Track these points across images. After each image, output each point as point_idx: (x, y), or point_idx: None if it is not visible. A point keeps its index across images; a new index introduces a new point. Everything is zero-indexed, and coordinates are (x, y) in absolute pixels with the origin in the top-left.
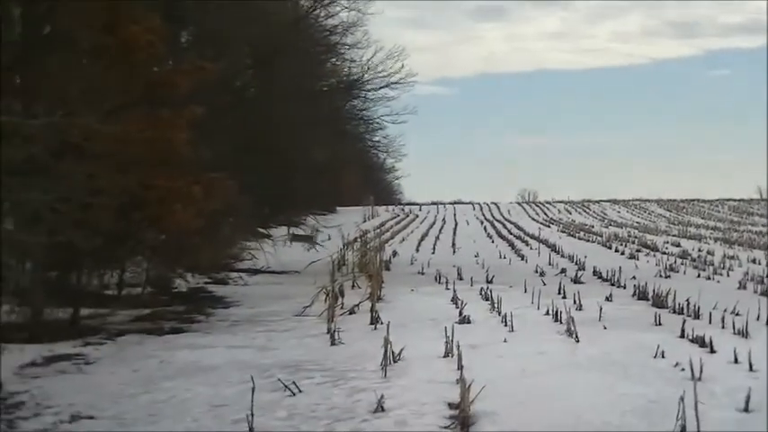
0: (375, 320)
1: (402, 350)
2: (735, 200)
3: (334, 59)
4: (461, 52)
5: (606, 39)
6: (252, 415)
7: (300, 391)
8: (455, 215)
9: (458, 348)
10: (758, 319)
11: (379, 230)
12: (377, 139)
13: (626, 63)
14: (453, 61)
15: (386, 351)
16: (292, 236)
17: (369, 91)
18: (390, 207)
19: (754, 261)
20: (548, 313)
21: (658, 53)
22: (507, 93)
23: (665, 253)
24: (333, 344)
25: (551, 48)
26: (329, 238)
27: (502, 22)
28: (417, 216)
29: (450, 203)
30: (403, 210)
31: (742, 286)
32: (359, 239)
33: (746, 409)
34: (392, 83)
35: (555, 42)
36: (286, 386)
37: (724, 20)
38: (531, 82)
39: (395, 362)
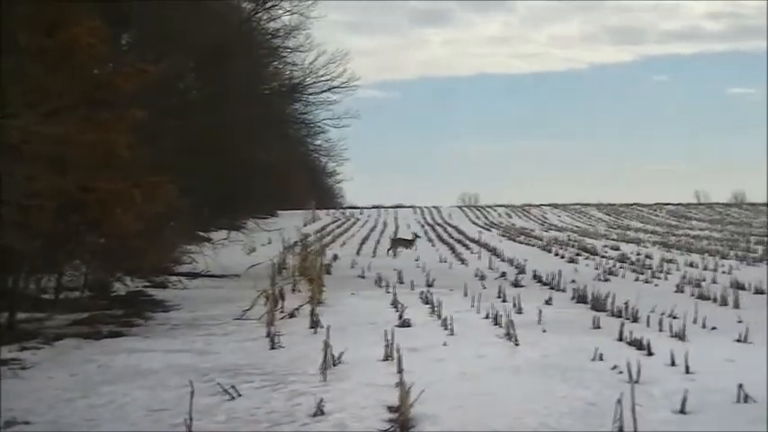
0: (315, 324)
1: (342, 354)
2: (673, 204)
3: (276, 63)
4: (404, 56)
5: (546, 43)
6: (190, 419)
7: (240, 395)
8: (396, 219)
9: (398, 352)
10: (695, 322)
11: (320, 234)
12: (319, 142)
13: (565, 68)
14: (396, 65)
15: (326, 355)
16: (392, 240)
17: (311, 95)
18: (332, 211)
19: (691, 265)
20: (488, 317)
21: (598, 58)
22: (449, 97)
23: (604, 257)
24: (273, 347)
25: (492, 52)
26: (270, 242)
27: (444, 27)
28: (359, 220)
29: (392, 207)
30: (344, 214)
31: (679, 290)
32: (300, 243)
33: (683, 411)
34: (334, 87)
35: (496, 47)
36: (225, 390)
37: (663, 26)
38: (472, 86)
39: (335, 365)
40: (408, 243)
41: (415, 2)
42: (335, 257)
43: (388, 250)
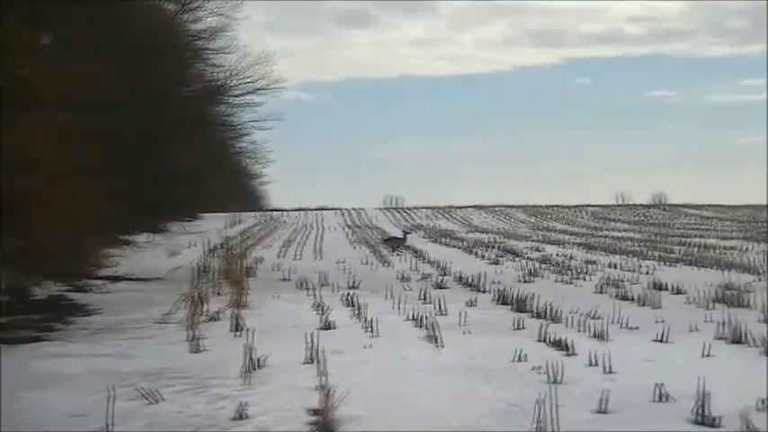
0: (238, 327)
1: (265, 357)
2: (595, 206)
3: (200, 65)
4: (329, 58)
5: (470, 46)
6: (111, 424)
7: (161, 399)
8: (321, 221)
9: (321, 354)
10: (615, 322)
11: (243, 236)
12: (243, 144)
13: (489, 70)
14: (321, 67)
15: (248, 358)
16: (383, 240)
17: (235, 96)
18: (256, 213)
19: (612, 266)
20: (411, 318)
21: (520, 61)
22: (374, 99)
23: (527, 258)
24: (195, 351)
25: (418, 54)
26: (194, 245)
27: (369, 29)
28: (283, 222)
29: (316, 209)
30: (269, 216)
31: (601, 290)
32: (223, 246)
33: (603, 411)
34: (259, 89)
35: (421, 49)
36: (146, 394)
37: (585, 29)
38: (397, 88)
39: (257, 369)
40: (401, 241)
41: (339, 3)
42: (259, 260)
43: (393, 250)
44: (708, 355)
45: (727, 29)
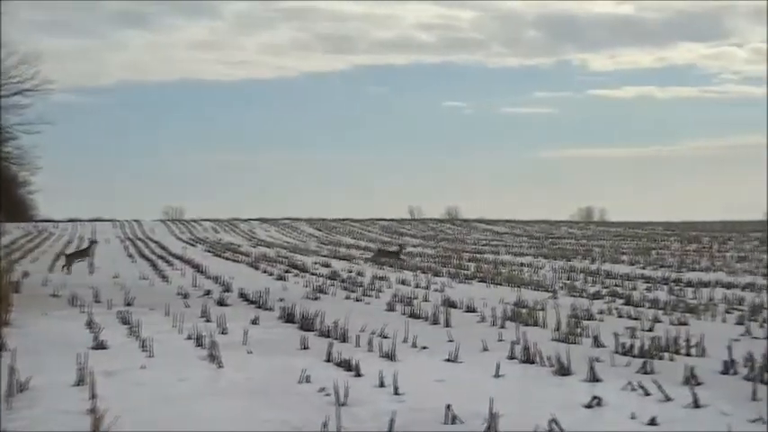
0: (0, 347)
1: (29, 379)
2: (387, 220)
3: None
4: (104, 60)
5: (256, 51)
6: None
7: None
8: (94, 233)
9: (91, 376)
10: (405, 341)
11: (8, 250)
12: (8, 150)
13: (276, 76)
14: (95, 69)
15: (10, 380)
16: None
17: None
18: (22, 224)
19: (403, 282)
20: (190, 338)
21: (309, 67)
22: (153, 104)
23: (314, 274)
24: None
25: (199, 58)
26: None
27: (146, 30)
28: (53, 234)
29: (90, 221)
30: (37, 227)
31: (391, 308)
32: None
33: None
34: (26, 90)
35: (202, 52)
36: None
37: (376, 35)
38: (177, 93)
39: (21, 392)
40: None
41: (113, 2)
42: (26, 274)
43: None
44: (499, 375)
45: (519, 40)
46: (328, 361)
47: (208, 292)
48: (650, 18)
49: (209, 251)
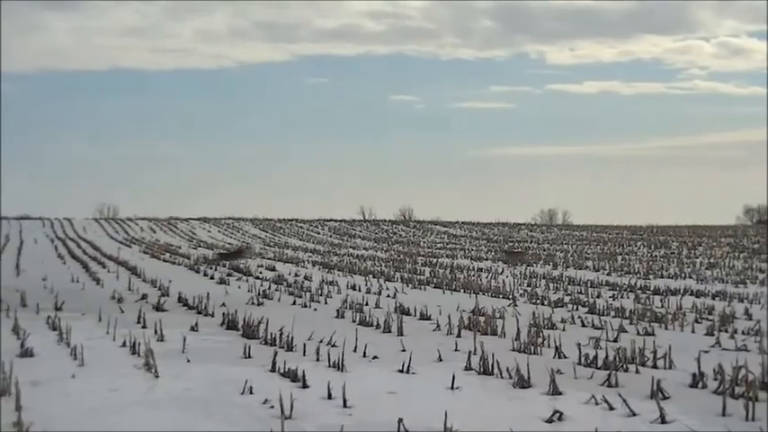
0: None
1: None
2: (336, 220)
3: None
4: (20, 45)
5: (191, 39)
6: None
7: None
8: (21, 232)
9: (16, 386)
10: (355, 350)
11: None
12: None
13: (213, 65)
14: (11, 55)
15: None
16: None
17: None
18: None
19: (353, 287)
20: (124, 345)
21: (249, 56)
22: (79, 93)
23: (258, 278)
24: None
25: (128, 45)
26: None
27: (69, 13)
28: None
29: (16, 219)
30: None
31: (340, 315)
32: None
33: None
34: None
35: (132, 39)
36: None
37: (319, 24)
38: (106, 82)
39: None
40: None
41: None
42: None
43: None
44: (454, 388)
45: (473, 31)
46: (273, 371)
47: (144, 297)
48: (611, 9)
49: (145, 252)
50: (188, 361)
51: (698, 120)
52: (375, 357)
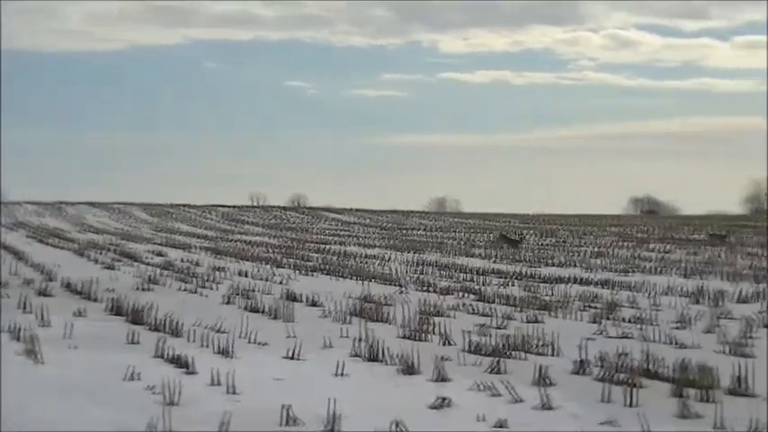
0: None
1: None
2: (227, 206)
3: None
4: None
5: (80, 20)
6: None
7: None
8: None
9: None
10: (242, 336)
11: None
12: None
13: (103, 48)
14: None
15: None
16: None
17: None
18: None
19: (243, 274)
20: (8, 330)
21: (141, 39)
22: None
23: (147, 263)
24: None
25: (14, 26)
26: None
27: None
28: None
29: None
30: None
31: (228, 301)
32: None
33: None
34: None
35: (18, 21)
36: None
37: (214, 8)
38: None
39: None
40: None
41: None
42: None
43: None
44: (342, 374)
45: (366, 19)
46: (159, 357)
47: (28, 282)
48: None
49: (31, 236)
50: (74, 347)
51: (588, 110)
52: (263, 344)
